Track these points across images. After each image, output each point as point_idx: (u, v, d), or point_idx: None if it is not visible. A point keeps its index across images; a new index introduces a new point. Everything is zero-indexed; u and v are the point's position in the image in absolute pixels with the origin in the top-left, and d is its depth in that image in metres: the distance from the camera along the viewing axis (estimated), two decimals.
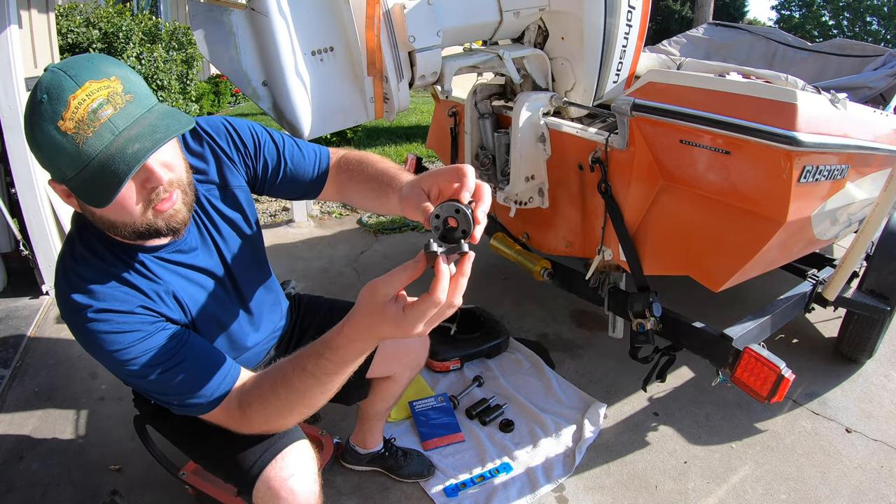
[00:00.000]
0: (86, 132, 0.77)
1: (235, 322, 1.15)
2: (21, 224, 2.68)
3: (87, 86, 0.77)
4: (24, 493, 1.70)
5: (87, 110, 0.76)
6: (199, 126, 1.09)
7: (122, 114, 0.79)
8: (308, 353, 0.84)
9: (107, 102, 0.78)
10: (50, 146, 0.78)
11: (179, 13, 9.02)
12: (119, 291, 0.92)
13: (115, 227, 0.88)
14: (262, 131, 1.16)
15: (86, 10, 4.22)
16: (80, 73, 0.78)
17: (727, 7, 20.92)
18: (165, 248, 1.00)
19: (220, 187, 1.10)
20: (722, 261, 1.57)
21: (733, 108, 1.37)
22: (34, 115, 0.77)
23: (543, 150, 1.87)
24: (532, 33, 1.87)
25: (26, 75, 2.55)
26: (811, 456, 1.90)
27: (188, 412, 0.95)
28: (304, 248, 3.48)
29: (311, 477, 1.05)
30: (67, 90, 0.76)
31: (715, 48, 3.70)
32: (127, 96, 0.81)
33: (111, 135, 0.78)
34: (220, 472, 1.12)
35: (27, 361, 2.30)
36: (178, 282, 1.01)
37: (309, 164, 1.20)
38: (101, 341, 0.88)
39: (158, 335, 0.92)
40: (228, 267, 1.12)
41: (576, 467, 1.82)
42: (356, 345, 0.78)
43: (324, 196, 1.25)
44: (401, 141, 5.88)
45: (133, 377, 0.92)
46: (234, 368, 0.96)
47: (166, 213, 0.89)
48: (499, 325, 2.45)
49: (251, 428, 0.94)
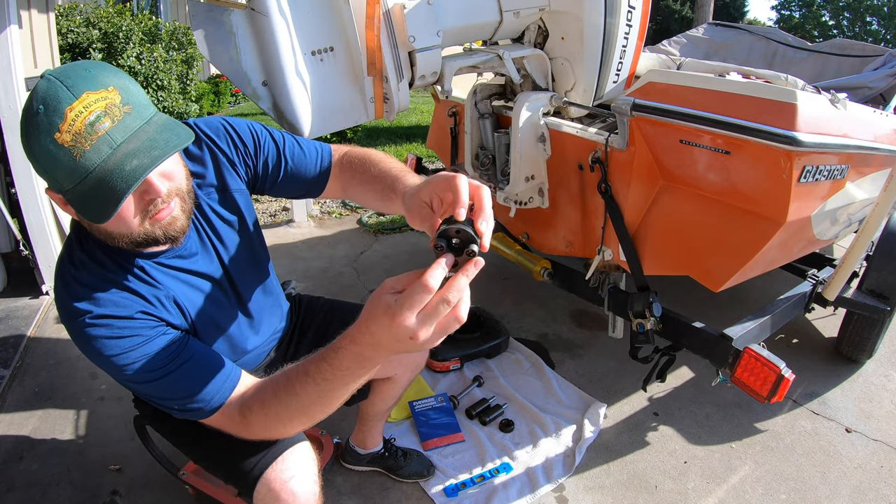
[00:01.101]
0: (83, 145, 0.75)
1: (235, 325, 1.15)
2: (21, 224, 2.68)
3: (84, 97, 0.76)
4: (24, 493, 1.70)
5: (84, 123, 0.75)
6: (198, 128, 1.08)
7: (119, 126, 0.78)
8: (313, 358, 0.82)
9: (104, 115, 0.77)
10: (46, 158, 0.77)
11: (179, 13, 9.02)
12: (119, 297, 0.91)
13: (112, 237, 0.88)
14: (261, 130, 1.15)
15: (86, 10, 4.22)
16: (77, 83, 0.76)
17: (727, 7, 20.91)
18: (165, 254, 0.99)
19: (220, 190, 1.10)
20: (722, 261, 1.57)
21: (733, 108, 1.37)
22: (30, 126, 0.76)
23: (543, 150, 1.87)
24: (532, 33, 1.87)
25: (26, 75, 2.54)
26: (811, 456, 1.90)
27: (189, 417, 0.94)
28: (304, 248, 3.48)
29: (312, 478, 1.05)
30: (64, 101, 0.75)
31: (715, 48, 3.70)
32: (125, 108, 0.79)
33: (109, 148, 0.77)
34: (221, 473, 1.12)
35: (27, 361, 2.30)
36: (179, 287, 1.01)
37: (310, 161, 1.19)
38: (100, 347, 0.88)
39: (158, 340, 0.91)
40: (228, 271, 1.11)
41: (576, 467, 1.82)
42: (354, 347, 0.74)
43: (327, 194, 1.24)
44: (401, 141, 5.88)
45: (133, 382, 0.92)
46: (234, 372, 0.95)
47: (164, 221, 0.89)
48: (499, 325, 2.45)
49: (251, 433, 0.93)
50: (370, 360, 0.75)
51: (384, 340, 0.69)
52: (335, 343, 0.77)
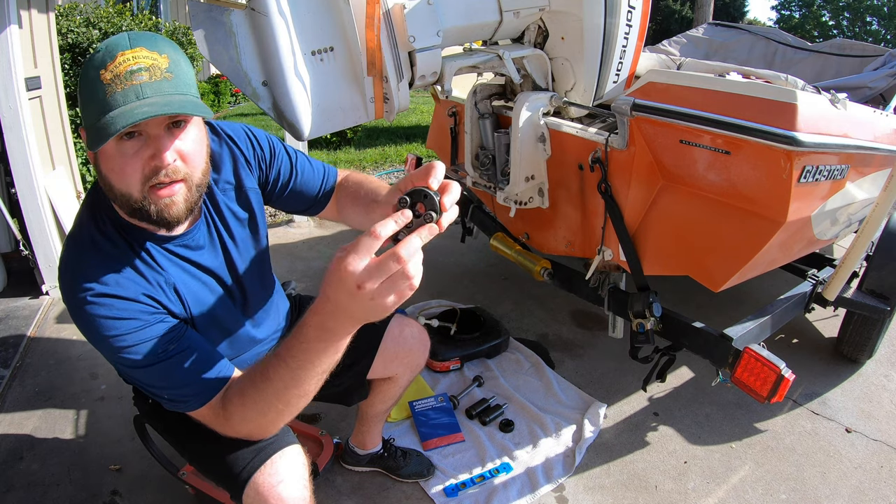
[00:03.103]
0: (117, 87, 0.82)
1: (235, 322, 1.15)
2: (21, 224, 2.68)
3: (138, 50, 0.84)
4: (24, 493, 1.70)
5: (126, 69, 0.82)
6: (220, 128, 1.14)
7: (154, 84, 0.84)
8: (284, 340, 0.83)
9: (146, 70, 0.83)
10: (88, 88, 0.84)
11: (179, 13, 9.02)
12: (122, 278, 0.93)
13: (114, 193, 0.90)
14: (277, 141, 1.23)
15: (86, 10, 4.22)
16: (139, 39, 0.85)
17: (727, 7, 20.91)
18: (173, 241, 1.01)
19: (236, 188, 1.14)
20: (722, 261, 1.57)
21: (733, 108, 1.37)
22: (87, 62, 0.84)
23: (543, 150, 1.86)
24: (532, 33, 1.87)
25: (26, 75, 2.54)
26: (811, 456, 1.90)
27: (177, 408, 0.95)
28: (304, 248, 3.48)
29: (301, 483, 1.04)
30: (120, 47, 0.83)
31: (715, 48, 3.70)
32: (167, 74, 0.85)
33: (135, 98, 0.82)
34: (212, 475, 1.12)
35: (27, 361, 2.30)
36: (181, 276, 1.02)
37: (318, 179, 1.28)
38: (97, 326, 0.89)
39: (157, 326, 0.92)
40: (233, 268, 1.13)
41: (576, 467, 1.82)
42: (316, 318, 0.75)
43: (325, 215, 1.32)
44: (401, 141, 5.87)
45: (126, 366, 0.92)
46: (227, 368, 0.96)
47: (162, 200, 0.89)
48: (499, 325, 2.45)
49: (231, 427, 0.93)
50: (332, 332, 0.75)
51: (340, 301, 0.70)
52: (301, 320, 0.78)
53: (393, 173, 4.89)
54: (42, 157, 2.71)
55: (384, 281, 0.67)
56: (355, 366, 1.43)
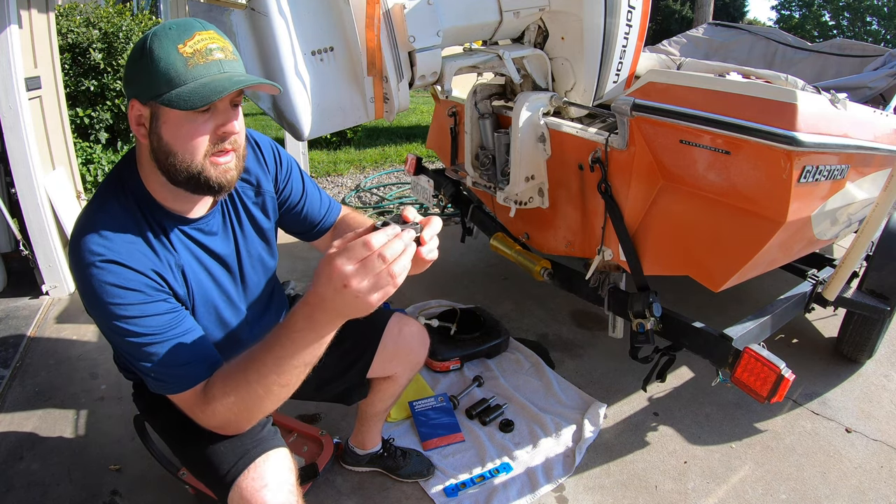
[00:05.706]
0: (198, 60, 0.89)
1: (234, 314, 1.17)
2: (21, 224, 2.68)
3: (211, 32, 0.92)
4: (24, 493, 1.70)
5: (205, 46, 0.90)
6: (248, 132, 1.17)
7: (229, 62, 0.92)
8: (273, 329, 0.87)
9: (221, 50, 0.92)
10: (163, 60, 0.87)
11: (179, 13, 9.00)
12: (135, 249, 0.95)
13: (174, 158, 0.92)
14: (295, 164, 1.29)
15: (86, 10, 4.22)
16: (207, 24, 0.93)
17: (727, 7, 20.91)
18: (190, 224, 1.04)
19: (254, 188, 1.18)
20: (722, 261, 1.57)
21: (733, 109, 1.37)
22: (157, 36, 0.88)
23: (543, 150, 1.87)
24: (532, 33, 1.87)
25: (26, 75, 2.54)
26: (811, 456, 1.90)
27: (161, 388, 0.95)
28: (304, 247, 3.44)
29: (287, 488, 1.03)
30: (195, 28, 0.90)
31: (715, 48, 3.70)
32: (235, 56, 0.95)
33: (218, 69, 0.90)
34: (201, 477, 1.12)
35: (27, 361, 2.30)
36: (190, 261, 1.04)
37: (322, 210, 1.34)
38: (102, 291, 0.90)
39: (159, 304, 0.94)
40: (241, 261, 1.16)
41: (576, 467, 1.82)
42: (305, 308, 0.79)
43: (317, 245, 1.39)
44: (401, 141, 5.87)
45: (119, 334, 0.92)
46: (217, 358, 0.97)
47: (221, 166, 0.95)
48: (499, 325, 2.45)
49: (212, 414, 0.93)
50: (319, 324, 0.80)
51: (327, 295, 0.75)
52: (291, 310, 0.83)
53: (393, 173, 4.89)
54: (42, 157, 2.71)
55: (368, 279, 0.72)
56: (355, 365, 1.43)
